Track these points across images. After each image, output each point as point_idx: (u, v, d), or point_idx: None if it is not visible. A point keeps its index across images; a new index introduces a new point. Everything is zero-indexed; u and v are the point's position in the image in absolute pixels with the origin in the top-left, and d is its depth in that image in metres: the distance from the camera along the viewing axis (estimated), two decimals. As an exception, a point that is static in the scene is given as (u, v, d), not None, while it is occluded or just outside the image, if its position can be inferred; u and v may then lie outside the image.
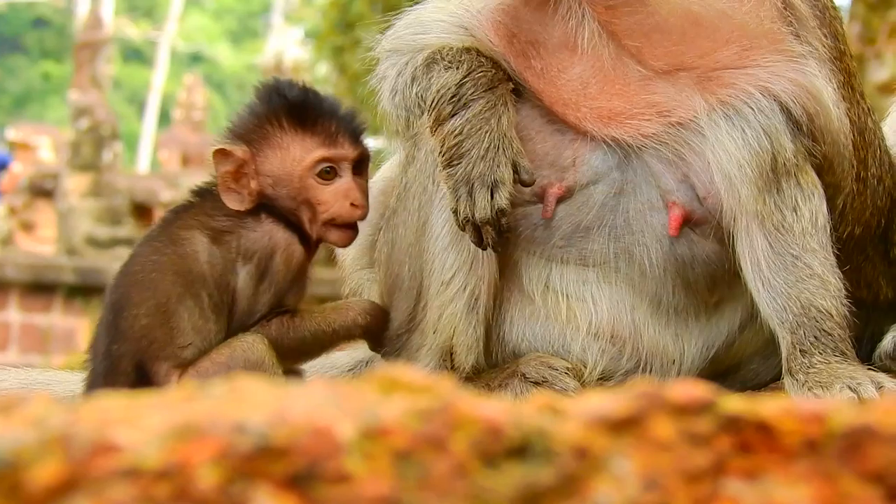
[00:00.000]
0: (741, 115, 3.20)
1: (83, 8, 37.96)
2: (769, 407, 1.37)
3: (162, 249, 3.24)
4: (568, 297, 3.36)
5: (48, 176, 22.67)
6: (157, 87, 44.96)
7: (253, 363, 3.13)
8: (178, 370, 3.15)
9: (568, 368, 3.30)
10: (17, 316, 17.95)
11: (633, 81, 3.25)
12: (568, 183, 3.29)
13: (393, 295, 3.47)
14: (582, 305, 3.36)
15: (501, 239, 3.19)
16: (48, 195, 22.28)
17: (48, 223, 22.37)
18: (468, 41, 3.34)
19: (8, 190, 25.00)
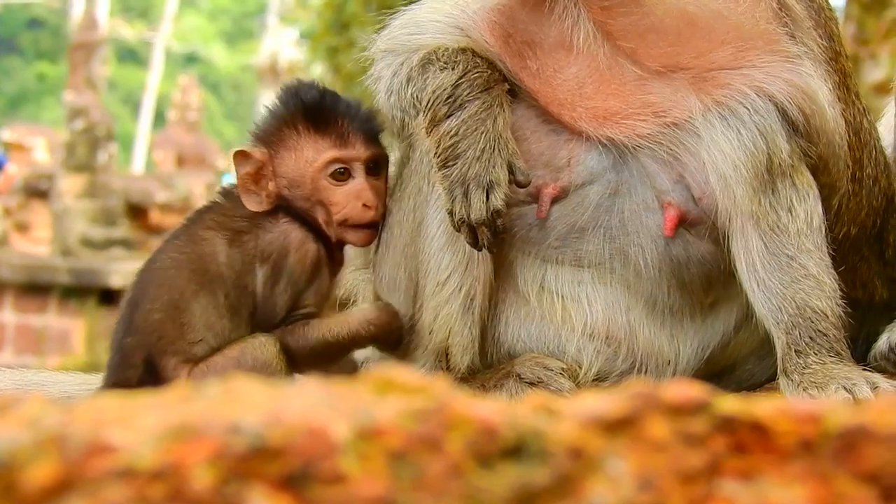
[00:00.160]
0: (736, 115, 3.20)
1: (78, 9, 37.95)
2: (764, 407, 1.37)
3: (182, 248, 3.29)
4: (563, 297, 3.36)
5: (43, 177, 22.64)
6: (151, 87, 44.94)
7: (262, 363, 3.16)
8: (186, 365, 3.18)
9: (563, 369, 3.30)
10: (11, 317, 17.93)
11: (628, 82, 3.25)
12: (563, 183, 3.29)
13: (388, 296, 3.47)
14: (577, 306, 3.36)
15: (497, 240, 3.19)
16: (43, 196, 22.24)
17: (43, 224, 22.34)
18: (464, 41, 3.33)
19: (3, 191, 24.98)
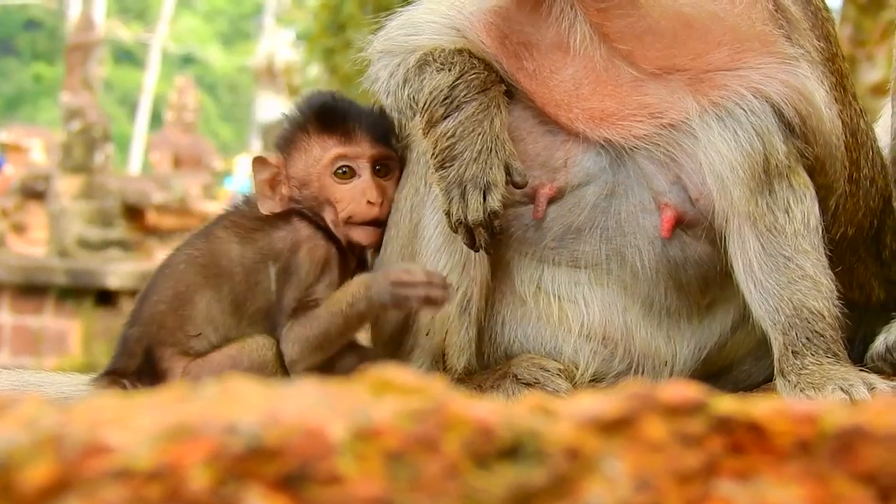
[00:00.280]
0: (733, 116, 3.20)
1: (75, 10, 37.88)
2: (761, 408, 1.37)
3: (197, 245, 3.36)
4: (560, 298, 3.36)
5: (40, 177, 22.62)
6: (148, 88, 44.92)
7: (258, 365, 3.18)
8: (183, 358, 3.21)
9: (560, 370, 3.30)
10: (8, 318, 17.91)
11: (625, 83, 3.25)
12: (559, 184, 3.29)
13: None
14: (574, 307, 3.36)
15: (493, 241, 3.19)
16: (40, 197, 22.23)
17: (39, 225, 22.32)
18: (460, 43, 3.33)
19: (-1, 192, 24.98)
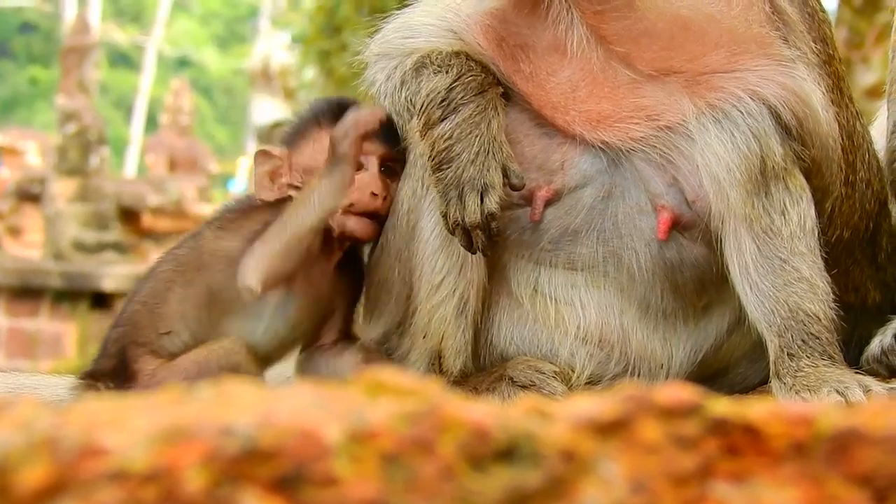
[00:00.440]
0: (730, 118, 3.20)
1: (70, 13, 37.91)
2: (756, 410, 1.37)
3: (185, 244, 3.37)
4: (556, 300, 3.36)
5: (35, 180, 22.61)
6: (144, 91, 44.90)
7: (227, 368, 3.14)
8: (153, 359, 3.19)
9: (555, 372, 3.30)
10: (3, 320, 17.90)
11: (621, 85, 3.25)
12: (556, 186, 3.29)
13: (381, 298, 3.47)
14: (570, 309, 3.36)
15: (490, 243, 3.19)
16: (35, 200, 22.22)
17: (35, 228, 22.31)
18: (457, 45, 3.34)
19: (-5, 194, 24.96)
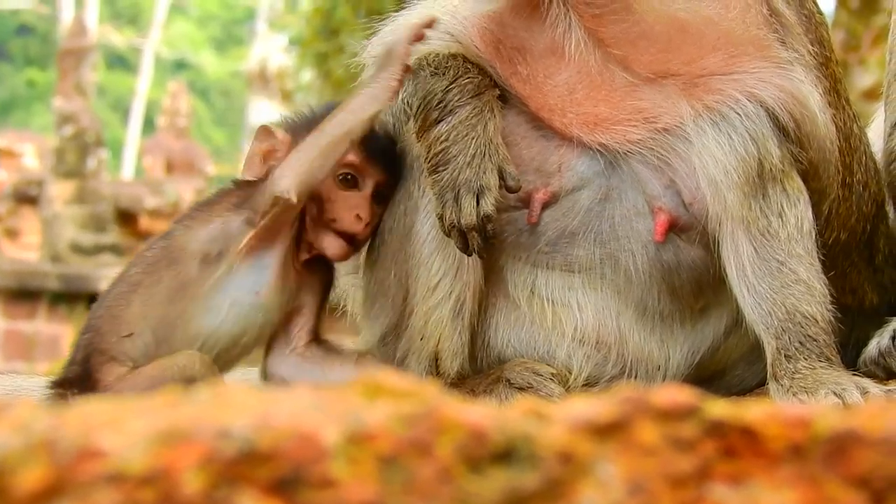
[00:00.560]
0: (728, 120, 3.20)
1: (67, 15, 37.85)
2: (754, 412, 1.37)
3: (153, 245, 3.29)
4: (553, 302, 3.36)
5: (32, 183, 22.61)
6: (141, 93, 44.84)
7: (186, 380, 3.02)
8: (113, 367, 3.09)
9: (553, 374, 3.30)
10: (1, 323, 17.89)
11: (619, 88, 3.25)
12: (553, 188, 3.29)
13: (378, 301, 3.47)
14: (567, 311, 3.35)
15: (487, 245, 3.19)
16: (32, 202, 22.22)
17: (32, 230, 22.31)
18: (454, 47, 3.34)
19: (-8, 197, 24.96)
